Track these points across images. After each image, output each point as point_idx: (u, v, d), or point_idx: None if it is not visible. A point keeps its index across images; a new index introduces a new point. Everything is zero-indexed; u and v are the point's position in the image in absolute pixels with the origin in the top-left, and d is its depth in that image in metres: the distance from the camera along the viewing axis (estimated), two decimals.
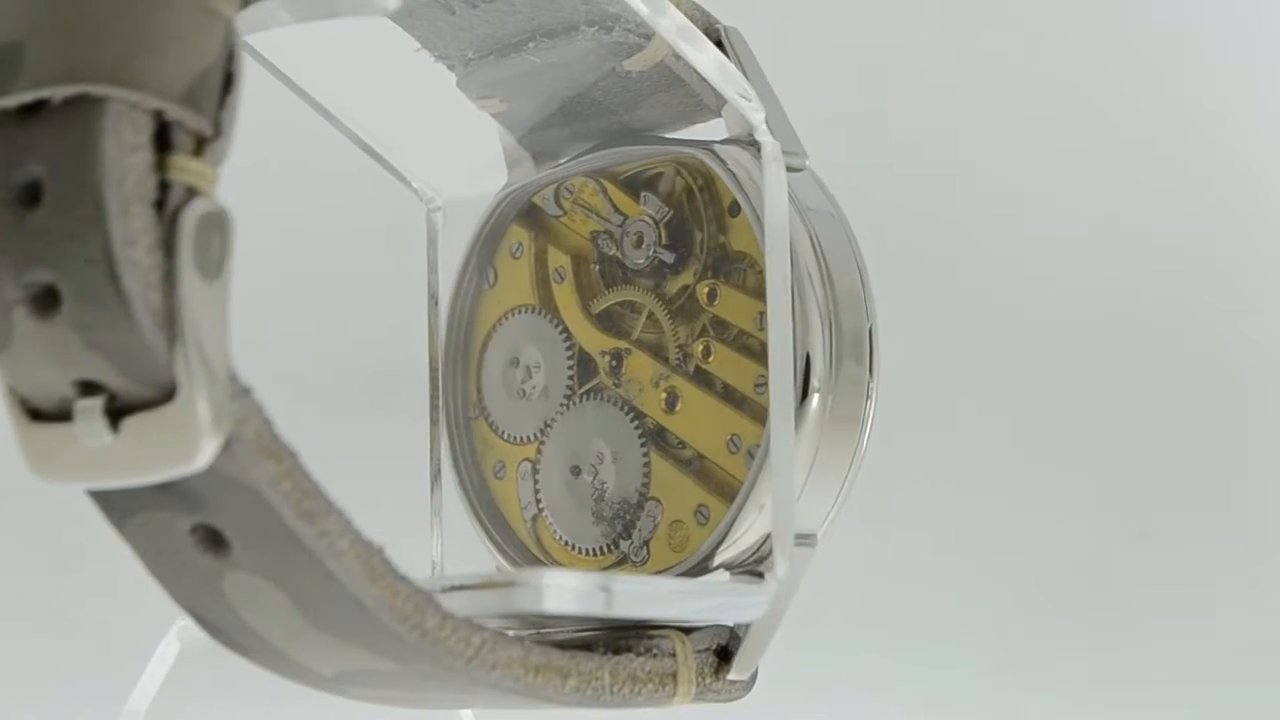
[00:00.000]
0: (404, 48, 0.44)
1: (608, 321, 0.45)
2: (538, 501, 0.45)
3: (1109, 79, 0.75)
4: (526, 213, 0.47)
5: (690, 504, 0.42)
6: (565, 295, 0.46)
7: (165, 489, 0.32)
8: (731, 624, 0.40)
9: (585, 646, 0.38)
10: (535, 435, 0.46)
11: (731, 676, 0.39)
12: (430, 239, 0.49)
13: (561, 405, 0.45)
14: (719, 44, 0.42)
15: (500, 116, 0.46)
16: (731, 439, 0.41)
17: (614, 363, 0.44)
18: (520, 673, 0.35)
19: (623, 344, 0.44)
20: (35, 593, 0.52)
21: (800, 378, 0.39)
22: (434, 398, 0.48)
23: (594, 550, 0.44)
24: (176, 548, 0.33)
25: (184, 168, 0.29)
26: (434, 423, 0.48)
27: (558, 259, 0.46)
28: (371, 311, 0.62)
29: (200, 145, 0.30)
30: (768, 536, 0.40)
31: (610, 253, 0.45)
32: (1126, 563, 0.70)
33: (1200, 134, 0.76)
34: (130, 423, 0.30)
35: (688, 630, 0.39)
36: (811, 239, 0.40)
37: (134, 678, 0.40)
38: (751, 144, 0.40)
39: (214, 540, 0.33)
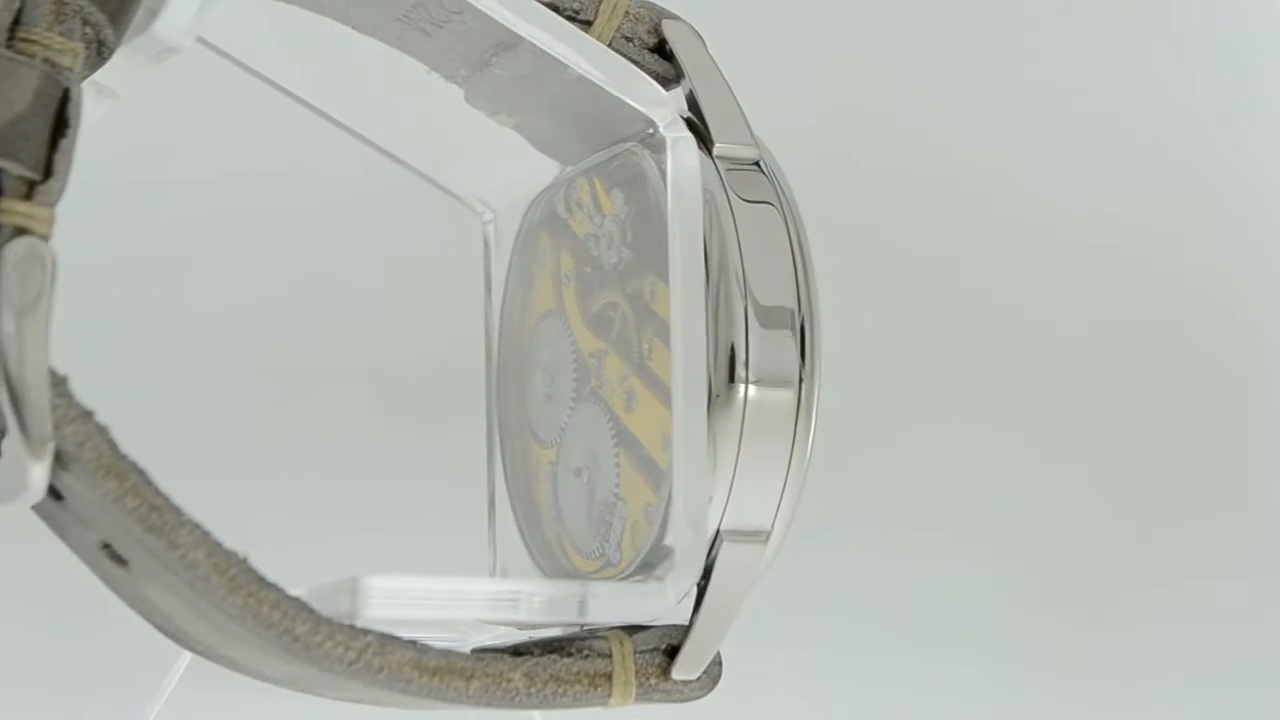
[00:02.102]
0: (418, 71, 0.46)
1: (598, 323, 0.45)
2: (557, 504, 0.46)
3: (1110, 77, 0.72)
4: (549, 217, 0.47)
5: (642, 503, 0.41)
6: (570, 298, 0.46)
7: (65, 509, 0.34)
8: (687, 622, 0.39)
9: (525, 650, 0.38)
10: (555, 439, 0.46)
11: (677, 676, 0.39)
12: (485, 253, 0.50)
13: (570, 408, 0.46)
14: (662, 40, 0.41)
15: (518, 129, 0.47)
16: (664, 436, 0.41)
17: (597, 364, 0.44)
18: (414, 675, 0.35)
19: (603, 345, 0.44)
20: (38, 593, 0.56)
21: (725, 370, 0.38)
22: (490, 421, 0.49)
23: (590, 552, 0.44)
24: (100, 561, 0.36)
25: (12, 210, 0.32)
26: (489, 448, 0.49)
27: (566, 262, 0.46)
28: (429, 319, 0.64)
29: (31, 188, 0.32)
30: (717, 532, 0.39)
31: (595, 253, 0.45)
32: (1126, 564, 0.67)
33: (1203, 133, 0.73)
34: (4, 448, 0.33)
35: (632, 630, 0.39)
36: (738, 232, 0.39)
37: (138, 679, 0.43)
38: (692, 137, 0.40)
39: (116, 554, 0.35)
